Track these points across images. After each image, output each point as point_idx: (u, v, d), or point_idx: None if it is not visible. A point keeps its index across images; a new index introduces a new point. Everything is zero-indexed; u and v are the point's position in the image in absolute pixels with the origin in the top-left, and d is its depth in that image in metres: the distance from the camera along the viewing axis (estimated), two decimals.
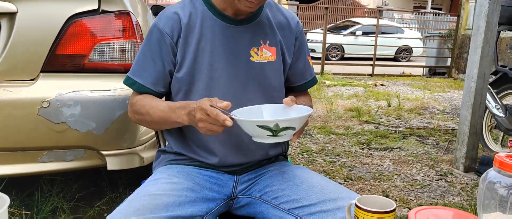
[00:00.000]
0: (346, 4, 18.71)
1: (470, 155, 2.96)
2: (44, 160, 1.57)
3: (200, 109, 0.98)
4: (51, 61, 1.53)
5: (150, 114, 1.14)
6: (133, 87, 1.18)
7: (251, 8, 1.10)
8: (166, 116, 1.10)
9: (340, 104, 5.34)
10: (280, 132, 0.97)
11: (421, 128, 4.25)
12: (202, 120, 0.98)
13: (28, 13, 1.49)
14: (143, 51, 1.17)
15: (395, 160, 3.19)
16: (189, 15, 1.15)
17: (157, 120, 1.13)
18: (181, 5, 1.18)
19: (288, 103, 1.07)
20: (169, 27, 1.14)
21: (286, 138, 1.00)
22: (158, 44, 1.14)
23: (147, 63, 1.16)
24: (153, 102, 1.14)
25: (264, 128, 0.96)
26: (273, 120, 0.96)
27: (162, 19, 1.16)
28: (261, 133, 0.97)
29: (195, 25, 1.14)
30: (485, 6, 2.74)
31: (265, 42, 1.19)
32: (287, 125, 0.97)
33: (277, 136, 0.98)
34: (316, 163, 3.05)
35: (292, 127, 0.98)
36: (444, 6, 24.08)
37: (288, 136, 1.00)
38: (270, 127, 0.96)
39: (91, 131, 1.54)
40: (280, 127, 0.96)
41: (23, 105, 1.48)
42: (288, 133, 0.99)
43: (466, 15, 8.57)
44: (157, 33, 1.15)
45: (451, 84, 7.82)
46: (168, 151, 1.25)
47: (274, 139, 0.99)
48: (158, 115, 1.12)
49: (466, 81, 2.92)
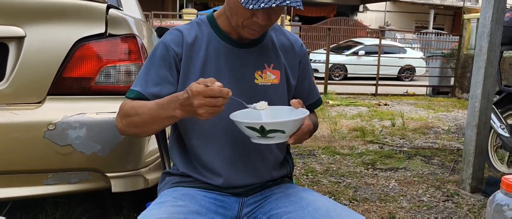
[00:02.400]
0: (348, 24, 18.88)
1: (476, 175, 2.93)
2: (49, 182, 1.57)
3: (195, 95, 0.93)
4: (57, 84, 1.55)
5: (138, 114, 1.08)
6: (130, 96, 1.15)
7: (254, 35, 1.13)
8: (155, 114, 1.05)
9: (344, 124, 5.33)
10: (268, 134, 0.99)
11: (426, 148, 4.22)
12: (201, 105, 0.94)
13: (36, 37, 1.51)
14: (147, 66, 1.17)
15: (401, 181, 3.17)
16: (195, 36, 1.17)
17: (147, 119, 1.07)
18: (187, 26, 1.20)
19: (295, 105, 1.09)
20: (174, 43, 1.15)
21: (278, 140, 1.02)
22: (162, 58, 1.15)
23: (150, 76, 1.15)
24: (142, 102, 1.11)
25: (252, 129, 0.99)
26: (259, 122, 0.98)
27: (168, 36, 1.18)
28: (251, 134, 1.00)
29: (200, 47, 1.16)
30: (487, 27, 2.76)
31: (269, 65, 1.20)
32: (273, 128, 0.98)
33: (267, 138, 1.00)
34: (321, 184, 3.03)
35: (281, 130, 0.99)
36: (446, 26, 24.25)
37: (279, 138, 1.01)
38: (257, 129, 0.98)
39: (96, 153, 1.54)
40: (267, 130, 0.98)
41: (30, 127, 1.49)
42: (278, 135, 1.00)
43: (468, 35, 8.62)
44: (162, 48, 1.16)
45: (455, 103, 7.80)
46: (173, 173, 1.25)
47: (265, 141, 1.01)
48: (147, 114, 1.06)
49: (470, 101, 2.91)
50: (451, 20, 24.29)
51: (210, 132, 1.17)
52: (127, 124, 1.12)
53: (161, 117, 1.04)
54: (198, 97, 0.93)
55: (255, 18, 1.08)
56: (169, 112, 1.01)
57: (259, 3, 1.01)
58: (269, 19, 1.09)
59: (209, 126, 1.17)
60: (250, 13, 1.07)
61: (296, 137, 1.05)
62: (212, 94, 0.93)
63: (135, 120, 1.09)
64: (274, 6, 1.01)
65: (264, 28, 1.12)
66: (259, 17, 1.07)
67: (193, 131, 1.18)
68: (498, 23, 2.76)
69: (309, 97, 1.30)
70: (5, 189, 1.53)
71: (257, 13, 1.07)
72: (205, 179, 1.18)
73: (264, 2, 1.01)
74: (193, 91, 0.93)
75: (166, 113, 1.02)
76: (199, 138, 1.18)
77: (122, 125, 1.14)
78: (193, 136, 1.19)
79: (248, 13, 1.07)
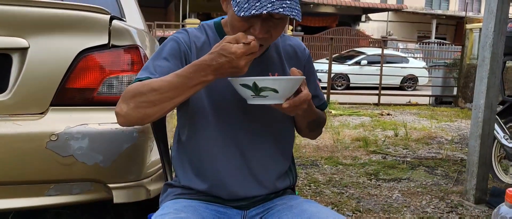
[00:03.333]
0: (350, 34, 18.93)
1: (481, 186, 2.91)
2: (51, 193, 1.56)
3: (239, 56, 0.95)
4: (60, 94, 1.55)
5: (155, 89, 1.00)
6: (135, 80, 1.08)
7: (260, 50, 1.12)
8: (179, 84, 0.99)
9: (347, 134, 5.32)
10: (261, 92, 1.00)
11: (429, 159, 4.20)
12: (247, 63, 0.97)
13: (40, 48, 1.52)
14: (155, 56, 1.14)
15: (404, 192, 3.15)
16: (203, 42, 1.17)
17: (167, 92, 0.99)
18: (196, 30, 1.20)
19: (294, 73, 1.07)
20: (185, 41, 1.14)
21: (272, 101, 1.02)
22: (173, 50, 1.13)
23: (159, 61, 1.11)
24: (156, 79, 1.03)
25: (245, 86, 1.00)
26: (251, 79, 0.99)
27: (178, 34, 1.17)
28: (245, 93, 1.02)
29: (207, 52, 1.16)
30: (490, 37, 2.76)
31: (274, 74, 1.20)
32: (266, 85, 0.99)
33: (260, 97, 1.01)
34: (323, 194, 3.01)
35: (274, 89, 0.99)
36: (448, 35, 24.28)
37: (273, 98, 1.02)
38: (250, 86, 1.00)
39: (98, 164, 1.54)
40: (259, 87, 0.99)
41: (32, 138, 1.49)
42: (272, 95, 1.01)
43: (470, 45, 8.62)
44: (173, 42, 1.14)
45: (458, 113, 7.78)
46: (175, 185, 1.24)
47: (259, 100, 1.02)
48: (167, 87, 0.99)
49: (474, 112, 2.90)
50: (454, 30, 24.33)
51: (212, 142, 1.17)
52: (137, 105, 1.02)
53: (187, 86, 0.99)
54: (243, 58, 0.96)
55: (252, 30, 1.05)
56: (198, 79, 0.98)
57: (250, 10, 0.99)
58: (268, 33, 1.06)
59: (211, 137, 1.17)
60: (247, 26, 1.05)
61: (292, 103, 1.03)
62: (253, 50, 0.96)
63: (150, 97, 1.00)
64: (264, 12, 0.98)
65: (264, 42, 1.08)
66: (256, 29, 1.04)
67: (195, 142, 1.18)
68: (501, 34, 2.76)
69: (314, 101, 1.29)
70: (7, 200, 1.53)
71: (254, 25, 1.04)
72: (207, 191, 1.18)
73: (255, 8, 0.98)
74: (237, 53, 0.95)
75: (195, 81, 0.99)
76: (201, 149, 1.17)
77: (128, 109, 1.02)
78: (195, 146, 1.18)
79: (245, 26, 1.05)
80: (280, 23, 1.07)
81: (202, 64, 0.98)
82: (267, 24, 1.05)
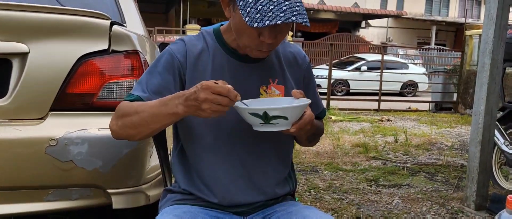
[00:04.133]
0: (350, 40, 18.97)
1: (481, 192, 2.90)
2: (50, 199, 1.56)
3: (204, 88, 0.93)
4: (60, 99, 1.55)
5: (138, 112, 1.05)
6: (129, 97, 1.12)
7: (262, 56, 1.13)
8: (156, 111, 1.02)
9: (347, 139, 5.31)
10: (271, 120, 1.00)
11: (429, 165, 4.19)
12: (207, 100, 0.93)
13: (40, 53, 1.52)
14: (150, 71, 1.15)
15: (404, 198, 3.14)
16: (201, 48, 1.17)
17: (146, 117, 1.04)
18: (193, 37, 1.20)
19: (296, 95, 1.09)
20: (180, 53, 1.15)
21: (281, 128, 1.03)
22: (167, 64, 1.14)
23: (153, 77, 1.13)
24: (142, 102, 1.08)
25: (255, 115, 1.00)
26: (262, 108, 0.99)
27: (174, 45, 1.17)
28: (254, 120, 1.02)
29: (206, 60, 1.16)
30: (490, 44, 2.76)
31: (274, 81, 1.20)
32: (277, 114, 1.00)
33: (270, 125, 1.01)
34: (323, 200, 3.00)
35: (284, 117, 1.00)
36: (448, 42, 24.33)
37: (282, 125, 1.02)
38: (260, 115, 0.99)
39: (97, 169, 1.53)
40: (270, 115, 0.99)
41: (31, 143, 1.49)
42: (281, 122, 1.01)
43: (470, 51, 8.63)
44: (167, 55, 1.15)
45: (458, 119, 7.77)
46: (174, 191, 1.24)
47: (268, 128, 1.02)
48: (147, 112, 1.03)
49: (474, 118, 2.90)
50: (453, 36, 24.39)
51: (212, 149, 1.16)
52: (123, 124, 1.08)
53: (162, 114, 1.02)
54: (206, 91, 0.94)
55: (262, 38, 1.06)
56: (171, 108, 1.00)
57: (264, 21, 0.98)
58: (275, 38, 1.08)
59: (211, 142, 1.16)
60: (256, 33, 1.05)
61: (298, 126, 1.05)
62: (221, 92, 0.94)
63: (133, 119, 1.06)
64: (279, 23, 0.98)
65: (271, 47, 1.10)
66: (265, 36, 1.05)
67: (195, 148, 1.18)
68: (501, 40, 2.76)
69: (313, 109, 1.29)
70: (6, 205, 1.52)
71: (264, 32, 1.05)
72: (206, 197, 1.17)
73: (268, 19, 0.98)
74: (203, 85, 0.94)
75: (168, 110, 1.00)
76: (201, 155, 1.17)
77: (117, 127, 1.10)
78: (194, 152, 1.18)
79: (255, 33, 1.05)
80: (286, 28, 1.09)
81: (180, 92, 1.01)
82: (275, 30, 1.06)
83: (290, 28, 1.14)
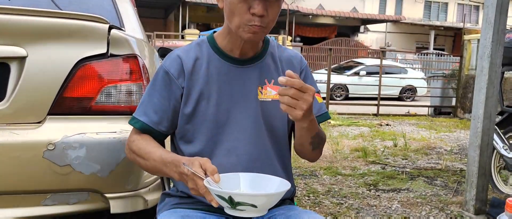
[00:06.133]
0: (349, 45, 19.01)
1: (480, 197, 2.89)
2: (47, 203, 1.55)
3: (190, 179, 1.00)
4: (58, 103, 1.55)
5: (144, 159, 1.15)
6: (136, 126, 1.19)
7: (255, 34, 1.11)
8: (158, 167, 1.12)
9: (346, 144, 5.30)
10: (237, 206, 0.89)
11: (428, 169, 4.19)
12: (192, 188, 1.00)
13: (38, 57, 1.52)
14: (149, 92, 1.20)
15: (404, 202, 3.13)
16: (195, 58, 1.18)
17: (150, 168, 1.15)
18: (187, 48, 1.21)
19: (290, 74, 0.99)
20: (174, 69, 1.17)
21: (249, 214, 0.90)
22: (164, 84, 1.17)
23: (152, 103, 1.18)
24: (149, 147, 1.15)
25: (221, 198, 0.90)
26: (227, 192, 0.89)
27: (167, 61, 1.19)
28: (222, 203, 0.91)
29: (201, 67, 1.17)
30: (488, 48, 2.77)
31: (270, 81, 1.21)
32: (243, 201, 0.88)
33: (236, 210, 0.90)
34: (322, 205, 3.00)
35: (252, 204, 0.88)
36: (446, 46, 24.40)
37: (251, 212, 0.90)
38: (225, 199, 0.89)
39: (95, 174, 1.53)
40: (235, 201, 0.88)
41: (29, 147, 1.48)
42: (249, 209, 0.89)
43: (468, 56, 8.65)
44: (163, 74, 1.18)
45: (457, 124, 7.78)
46: (172, 195, 1.24)
47: (235, 213, 0.91)
48: (151, 164, 1.13)
49: (472, 122, 2.90)
50: (452, 40, 24.46)
51: (210, 152, 1.17)
52: (133, 159, 1.21)
53: (162, 172, 1.12)
54: (191, 182, 1.00)
55: (252, 10, 1.07)
56: (169, 172, 1.08)
57: None
58: (266, 11, 1.08)
59: (209, 148, 1.17)
60: (246, 6, 1.08)
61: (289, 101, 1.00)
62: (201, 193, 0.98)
63: (141, 162, 1.17)
64: None
65: (263, 22, 1.10)
66: (255, 7, 1.07)
67: (193, 152, 1.18)
68: (499, 44, 2.77)
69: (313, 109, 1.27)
70: (2, 210, 1.51)
71: (253, 4, 1.07)
72: (205, 201, 1.16)
73: None
74: (190, 176, 1.00)
75: (167, 171, 1.09)
76: None
77: (130, 157, 1.22)
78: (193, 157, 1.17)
79: (245, 7, 1.08)
80: (276, 3, 1.10)
81: (177, 161, 1.05)
82: (264, 3, 1.08)
83: (281, 6, 1.14)
